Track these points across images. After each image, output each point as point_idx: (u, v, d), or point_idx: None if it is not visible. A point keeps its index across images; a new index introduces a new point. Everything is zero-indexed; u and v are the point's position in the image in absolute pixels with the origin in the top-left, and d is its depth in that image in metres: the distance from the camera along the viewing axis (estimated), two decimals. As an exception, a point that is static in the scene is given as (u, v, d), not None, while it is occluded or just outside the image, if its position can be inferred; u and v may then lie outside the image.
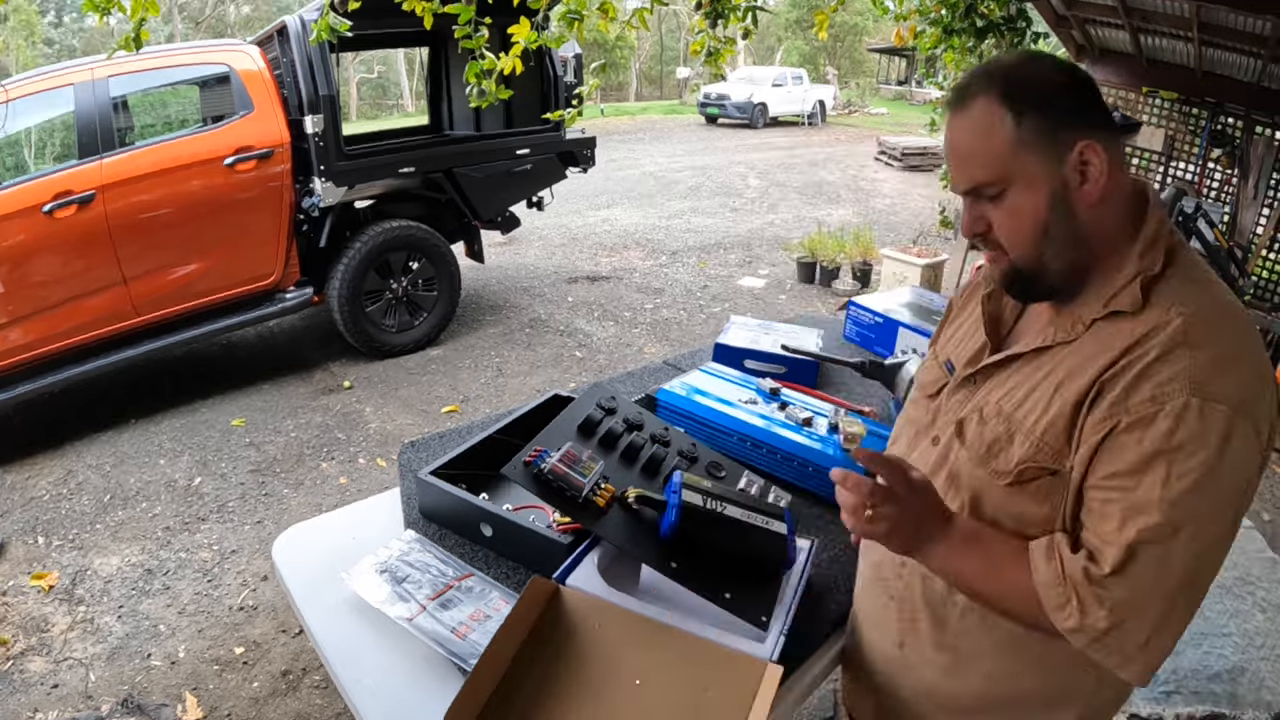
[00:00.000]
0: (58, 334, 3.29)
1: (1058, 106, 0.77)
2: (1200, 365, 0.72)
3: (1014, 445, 0.82)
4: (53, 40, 22.82)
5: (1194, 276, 0.79)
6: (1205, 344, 0.73)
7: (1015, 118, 0.76)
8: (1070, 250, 0.80)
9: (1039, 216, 0.79)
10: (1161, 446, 0.72)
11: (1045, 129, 0.77)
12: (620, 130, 15.61)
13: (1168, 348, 0.73)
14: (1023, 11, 4.04)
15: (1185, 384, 0.72)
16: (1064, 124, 0.77)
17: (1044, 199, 0.78)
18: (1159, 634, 0.75)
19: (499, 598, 1.09)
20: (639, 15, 2.40)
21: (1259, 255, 4.05)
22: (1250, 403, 0.72)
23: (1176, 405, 0.72)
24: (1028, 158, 0.77)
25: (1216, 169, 4.18)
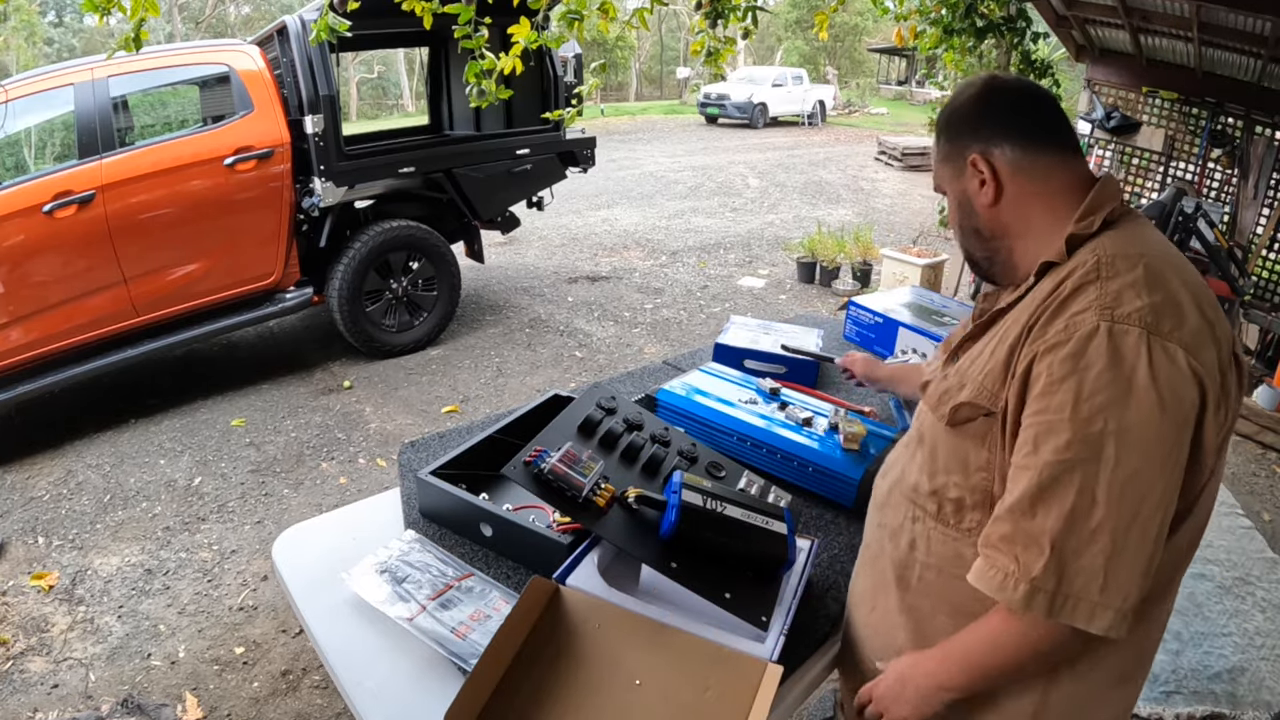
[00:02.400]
0: (58, 334, 3.29)
1: (956, 127, 0.92)
2: (1110, 292, 0.76)
3: (960, 393, 0.88)
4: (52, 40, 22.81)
5: (1130, 232, 0.83)
6: (1119, 275, 0.77)
7: (937, 139, 0.95)
8: (980, 241, 0.94)
9: (955, 217, 0.96)
10: (1070, 368, 0.74)
11: (949, 147, 0.93)
12: (620, 130, 15.61)
13: (1081, 282, 0.78)
14: (1023, 11, 4.04)
15: (1095, 311, 0.75)
16: (960, 141, 0.91)
17: (954, 202, 0.95)
18: (1114, 572, 0.74)
19: (499, 598, 1.09)
20: (639, 15, 2.40)
21: (1259, 255, 4.05)
22: (1171, 329, 0.73)
23: (1085, 329, 0.74)
24: (943, 170, 0.95)
25: (1216, 169, 4.19)
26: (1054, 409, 0.75)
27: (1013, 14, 3.98)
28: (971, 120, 0.91)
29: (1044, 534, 0.75)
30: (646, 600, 1.02)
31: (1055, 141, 0.89)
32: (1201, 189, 4.24)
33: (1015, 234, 0.90)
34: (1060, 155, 0.89)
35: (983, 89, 0.92)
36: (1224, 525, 2.41)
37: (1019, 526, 0.77)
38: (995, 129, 0.89)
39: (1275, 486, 3.18)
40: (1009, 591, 0.77)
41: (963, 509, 0.89)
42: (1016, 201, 0.89)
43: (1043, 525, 0.75)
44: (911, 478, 0.96)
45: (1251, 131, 3.96)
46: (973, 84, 0.94)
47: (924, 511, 0.93)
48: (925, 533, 0.93)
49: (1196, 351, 0.74)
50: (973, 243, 0.95)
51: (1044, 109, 0.90)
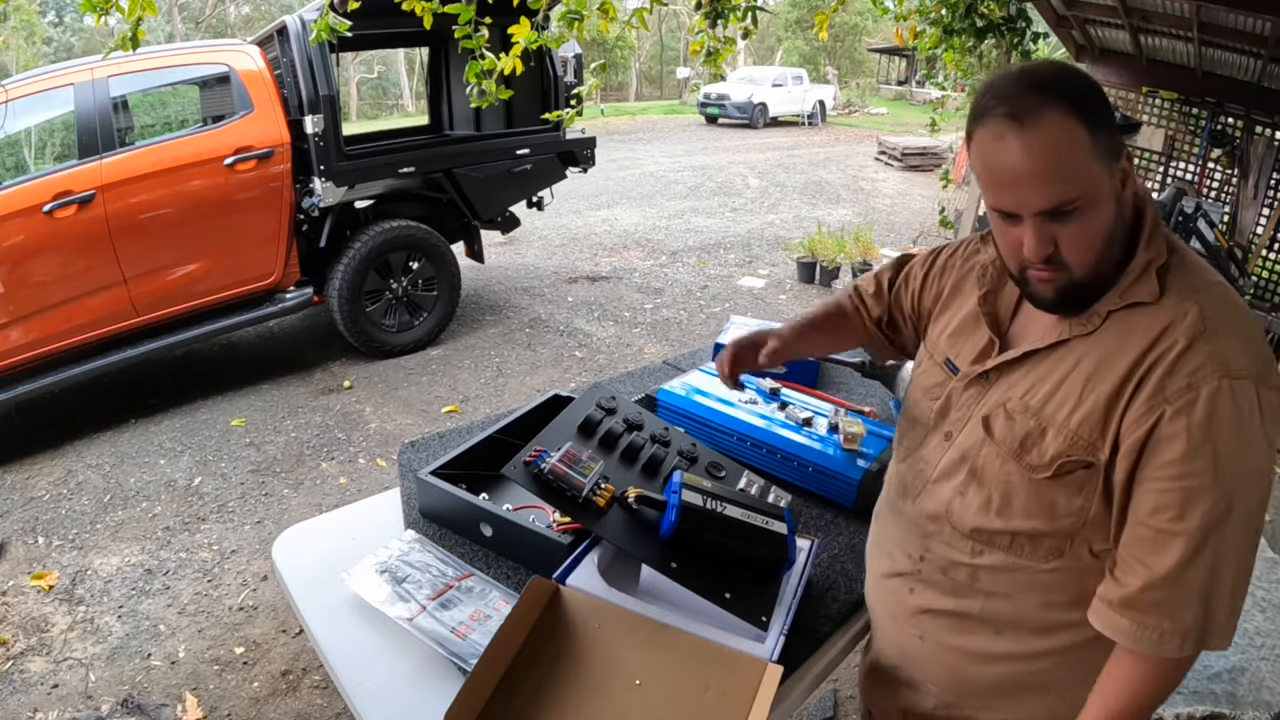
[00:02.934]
0: (58, 334, 3.29)
1: (1109, 116, 0.79)
2: (1221, 348, 0.77)
3: (1047, 439, 0.84)
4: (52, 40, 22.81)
5: (1189, 262, 0.84)
6: (1220, 328, 0.78)
7: (1090, 130, 0.75)
8: (1117, 252, 0.83)
9: (1107, 227, 0.80)
10: (1206, 432, 0.76)
11: (1109, 140, 0.78)
12: (620, 130, 15.61)
13: (1192, 336, 0.78)
14: (1023, 11, 4.04)
15: (1213, 368, 0.76)
16: (1114, 134, 0.79)
17: (1110, 209, 0.80)
18: (1237, 598, 0.79)
19: (499, 598, 1.09)
20: (639, 15, 2.40)
21: (1259, 255, 4.05)
22: (1266, 372, 0.78)
23: (1210, 389, 0.76)
24: (1100, 170, 0.77)
25: (1216, 169, 4.18)
26: (1198, 473, 0.76)
27: (1013, 14, 3.98)
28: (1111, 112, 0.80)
29: (1195, 589, 0.78)
30: (646, 600, 1.02)
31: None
32: (1201, 189, 4.24)
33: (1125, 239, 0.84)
34: None
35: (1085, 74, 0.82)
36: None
37: (1174, 590, 0.78)
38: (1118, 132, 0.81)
39: (1275, 486, 3.18)
40: (1168, 646, 0.79)
41: (1039, 543, 0.87)
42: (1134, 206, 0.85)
43: (1194, 582, 0.77)
44: (969, 518, 0.91)
45: (1251, 131, 3.96)
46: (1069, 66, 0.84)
47: (990, 546, 0.90)
48: (991, 565, 0.91)
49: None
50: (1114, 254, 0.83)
51: None
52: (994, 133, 0.77)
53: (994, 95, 0.78)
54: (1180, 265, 0.83)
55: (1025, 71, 0.79)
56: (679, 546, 1.03)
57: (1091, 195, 0.77)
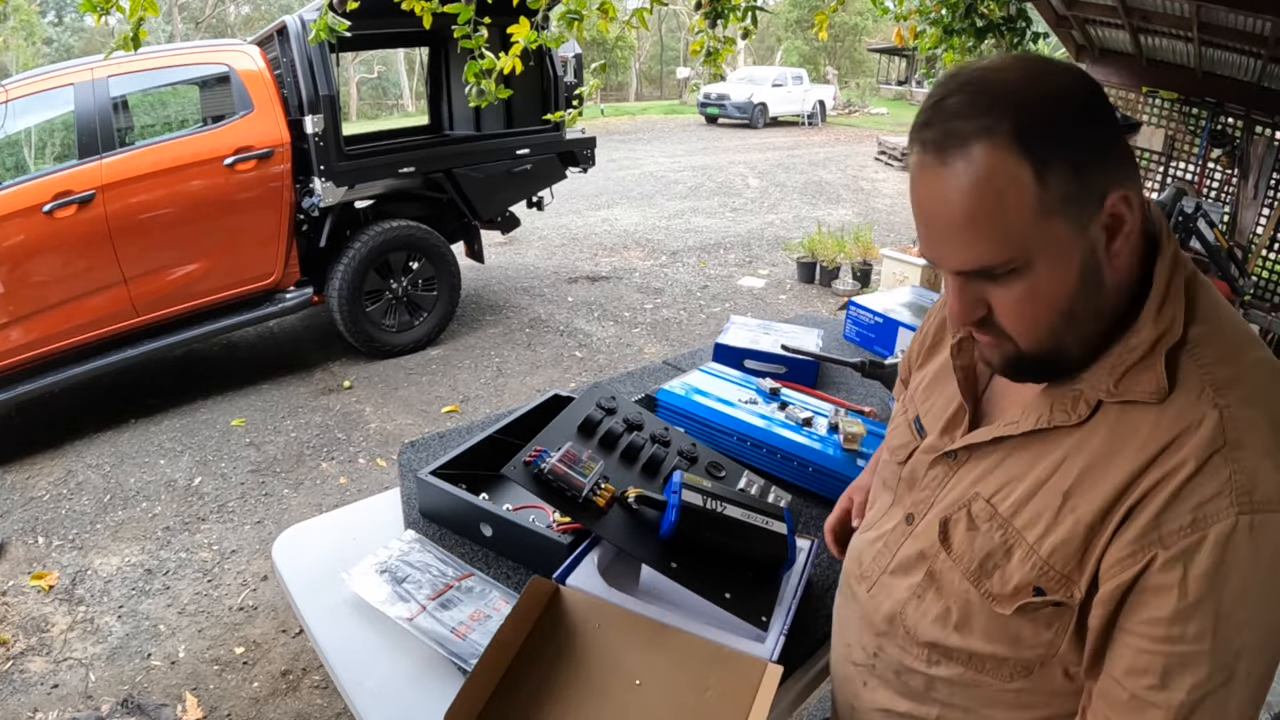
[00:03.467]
0: (58, 334, 3.30)
1: (1086, 144, 0.58)
2: (1245, 470, 0.57)
3: (1012, 562, 0.68)
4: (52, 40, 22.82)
5: (1222, 329, 0.63)
6: (1249, 439, 0.58)
7: (1038, 173, 0.56)
8: (1095, 326, 0.64)
9: (1064, 296, 0.61)
10: (1209, 586, 0.58)
11: (1074, 181, 0.57)
12: (620, 130, 15.61)
13: (1205, 455, 0.58)
14: (1023, 11, 4.05)
15: (1230, 499, 0.57)
16: (1094, 169, 0.58)
17: (1073, 274, 0.60)
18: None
19: (499, 598, 1.09)
20: (639, 15, 2.40)
21: (1259, 255, 4.05)
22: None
23: (1223, 529, 0.57)
24: (1055, 224, 0.58)
25: (1216, 169, 4.18)
26: (1191, 638, 0.59)
27: (1013, 14, 3.98)
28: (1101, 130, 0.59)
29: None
30: (646, 600, 1.02)
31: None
32: (1201, 189, 4.24)
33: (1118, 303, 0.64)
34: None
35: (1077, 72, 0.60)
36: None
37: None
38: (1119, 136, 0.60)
39: (1275, 486, 3.19)
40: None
41: (1003, 665, 0.72)
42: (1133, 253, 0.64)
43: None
44: (925, 628, 0.77)
45: (1251, 131, 3.96)
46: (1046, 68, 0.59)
47: (947, 659, 0.76)
48: (948, 678, 0.77)
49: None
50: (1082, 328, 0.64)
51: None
52: (916, 159, 0.60)
53: (929, 105, 0.60)
54: (1205, 341, 0.62)
55: (979, 75, 0.59)
56: (679, 546, 1.03)
57: (1034, 258, 0.59)
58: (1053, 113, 0.57)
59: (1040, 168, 0.56)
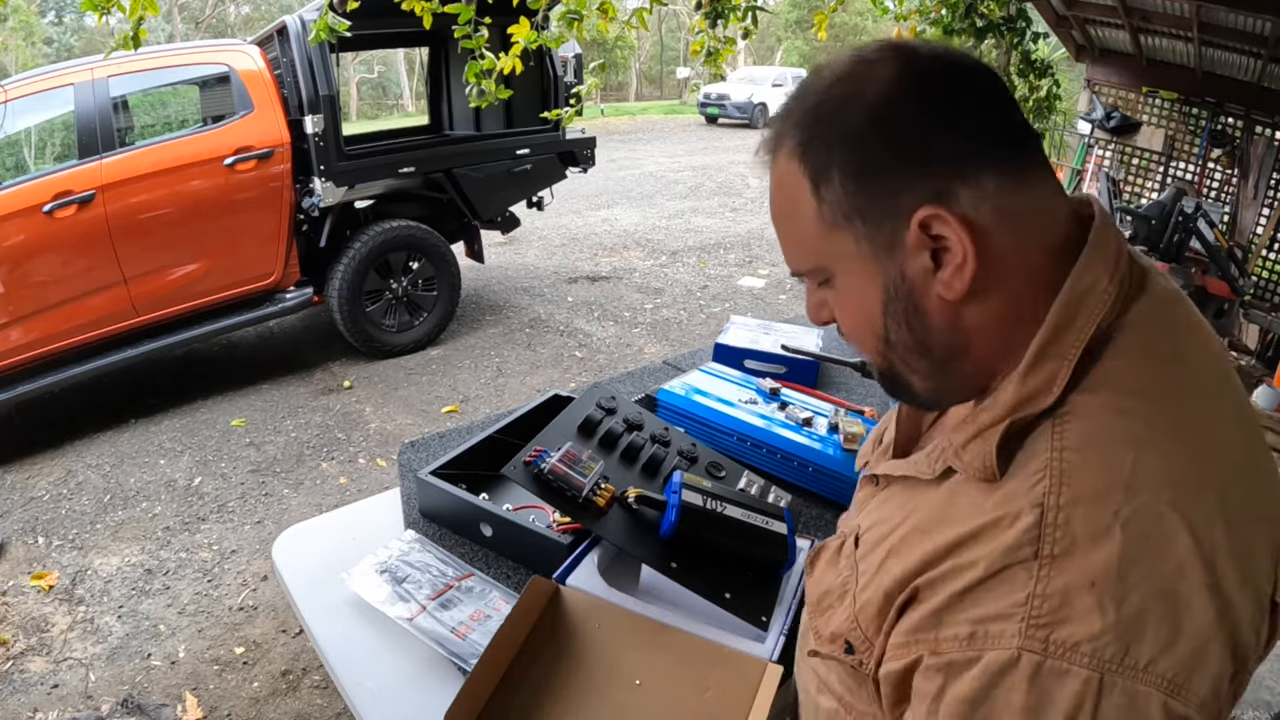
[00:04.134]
0: (58, 334, 3.30)
1: (872, 147, 0.50)
2: (1055, 597, 0.44)
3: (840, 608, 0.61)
4: (52, 40, 22.82)
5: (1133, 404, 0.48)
6: (1079, 558, 0.45)
7: (814, 183, 0.51)
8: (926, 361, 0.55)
9: (871, 316, 0.54)
10: (965, 714, 0.46)
11: (857, 194, 0.50)
12: (620, 130, 15.61)
13: (1003, 562, 0.46)
14: (1023, 11, 4.05)
15: (1020, 626, 0.45)
16: (886, 180, 0.50)
17: (876, 295, 0.53)
18: None
19: (499, 598, 1.09)
20: (639, 15, 2.40)
21: (1259, 255, 4.06)
22: (1150, 656, 0.43)
23: (999, 659, 0.45)
24: (840, 238, 0.52)
25: (1216, 169, 4.19)
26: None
27: (1013, 14, 3.98)
28: (906, 132, 0.50)
29: None
30: (646, 600, 1.02)
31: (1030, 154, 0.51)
32: (1201, 189, 4.24)
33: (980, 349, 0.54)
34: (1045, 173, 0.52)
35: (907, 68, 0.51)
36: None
37: None
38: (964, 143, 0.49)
39: (1275, 486, 3.18)
40: None
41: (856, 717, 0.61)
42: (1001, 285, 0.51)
43: None
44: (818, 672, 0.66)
45: (1251, 131, 3.96)
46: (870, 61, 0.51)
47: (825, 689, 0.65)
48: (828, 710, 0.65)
49: (1184, 683, 0.43)
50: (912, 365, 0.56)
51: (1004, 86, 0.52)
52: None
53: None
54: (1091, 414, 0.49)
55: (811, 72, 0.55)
56: (679, 546, 1.03)
57: (832, 270, 0.54)
58: (842, 116, 0.50)
59: (816, 178, 0.51)
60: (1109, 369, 0.49)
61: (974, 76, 0.51)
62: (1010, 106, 0.52)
